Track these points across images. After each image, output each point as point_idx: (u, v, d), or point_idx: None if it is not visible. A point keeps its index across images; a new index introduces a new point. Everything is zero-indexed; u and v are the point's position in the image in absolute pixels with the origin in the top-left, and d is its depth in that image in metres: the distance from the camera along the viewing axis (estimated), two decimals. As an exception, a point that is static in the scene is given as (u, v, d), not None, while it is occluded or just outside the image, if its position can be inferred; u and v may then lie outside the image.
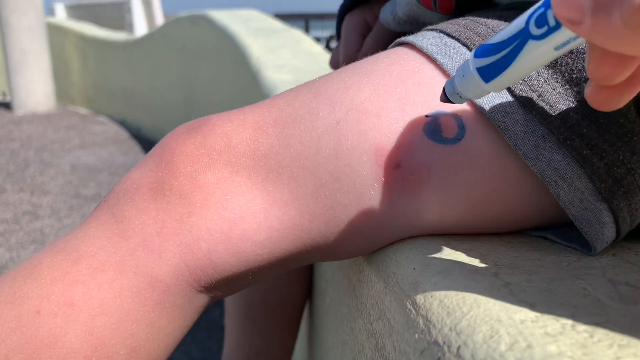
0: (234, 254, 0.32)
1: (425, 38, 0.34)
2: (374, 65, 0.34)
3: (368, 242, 0.34)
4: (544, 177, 0.30)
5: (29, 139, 3.42)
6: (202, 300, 0.34)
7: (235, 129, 0.34)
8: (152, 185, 0.33)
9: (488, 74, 0.25)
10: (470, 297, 0.25)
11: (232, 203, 0.32)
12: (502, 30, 0.24)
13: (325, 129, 0.32)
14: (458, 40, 0.33)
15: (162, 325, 0.32)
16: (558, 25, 0.22)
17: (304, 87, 0.36)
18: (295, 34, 1.93)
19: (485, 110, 0.30)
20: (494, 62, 0.24)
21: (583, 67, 0.31)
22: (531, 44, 0.23)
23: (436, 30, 0.35)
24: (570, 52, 0.31)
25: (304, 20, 7.86)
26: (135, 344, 0.31)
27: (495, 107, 0.31)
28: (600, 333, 0.21)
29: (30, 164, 2.85)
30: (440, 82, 0.32)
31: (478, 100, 0.31)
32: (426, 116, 0.31)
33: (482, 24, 0.34)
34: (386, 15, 0.51)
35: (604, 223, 0.30)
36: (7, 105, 4.61)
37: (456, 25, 0.34)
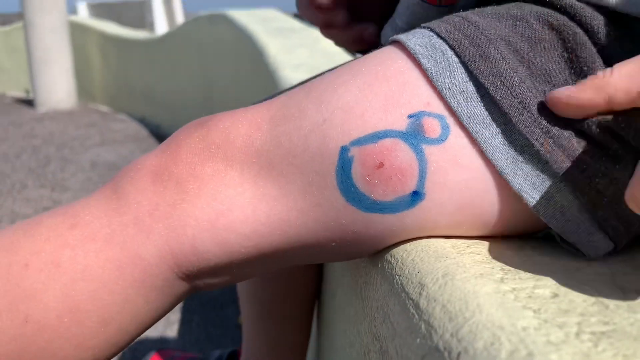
0: (217, 244, 0.33)
1: (415, 37, 0.34)
2: (362, 65, 0.35)
3: (358, 242, 0.34)
4: (520, 193, 0.30)
5: (50, 135, 3.47)
6: (181, 287, 0.35)
7: (234, 125, 0.35)
8: (154, 168, 0.35)
9: None
10: (473, 303, 0.24)
11: (222, 195, 0.33)
12: None
13: (312, 128, 0.33)
14: (446, 41, 0.32)
15: (138, 304, 0.34)
16: None
17: (300, 87, 0.37)
18: (313, 34, 1.92)
19: (463, 120, 0.30)
20: None
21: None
22: None
23: (427, 28, 0.34)
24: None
25: (323, 19, 7.84)
26: (107, 315, 0.33)
27: (474, 116, 0.30)
28: (605, 342, 0.21)
29: (52, 160, 2.89)
30: (424, 83, 0.32)
31: (457, 108, 0.31)
32: (409, 116, 0.31)
33: (472, 24, 0.33)
34: (387, 35, 0.49)
35: (590, 232, 0.30)
36: (30, 103, 4.70)
37: (447, 23, 0.34)
